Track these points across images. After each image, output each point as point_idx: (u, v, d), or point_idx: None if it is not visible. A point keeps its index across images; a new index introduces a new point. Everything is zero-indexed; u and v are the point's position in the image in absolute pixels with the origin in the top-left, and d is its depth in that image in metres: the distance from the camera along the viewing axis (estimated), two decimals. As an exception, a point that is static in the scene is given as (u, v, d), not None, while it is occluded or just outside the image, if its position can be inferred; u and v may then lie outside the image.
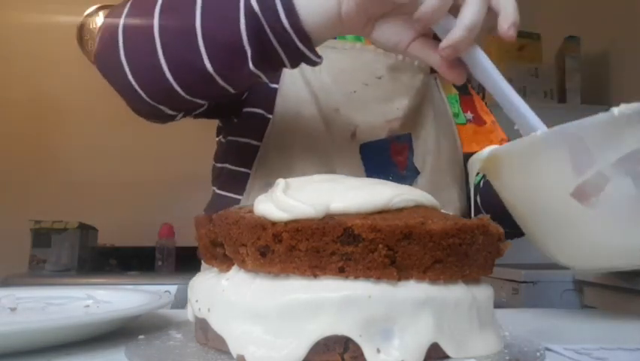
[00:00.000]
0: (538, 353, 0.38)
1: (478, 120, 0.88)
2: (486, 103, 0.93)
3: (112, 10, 0.60)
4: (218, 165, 0.82)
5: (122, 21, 0.56)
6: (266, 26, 0.52)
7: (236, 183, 0.77)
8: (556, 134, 0.50)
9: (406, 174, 0.77)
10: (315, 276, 0.34)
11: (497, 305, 0.41)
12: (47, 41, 2.66)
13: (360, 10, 0.52)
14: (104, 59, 0.59)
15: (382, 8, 0.53)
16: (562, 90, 2.26)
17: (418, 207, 0.39)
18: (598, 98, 2.27)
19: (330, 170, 0.73)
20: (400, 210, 0.38)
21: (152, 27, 0.54)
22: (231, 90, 0.58)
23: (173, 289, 1.73)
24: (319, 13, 0.53)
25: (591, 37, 2.30)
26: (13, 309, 0.50)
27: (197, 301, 0.39)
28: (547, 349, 0.41)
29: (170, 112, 0.62)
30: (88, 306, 0.52)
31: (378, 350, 0.33)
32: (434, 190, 0.78)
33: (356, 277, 0.34)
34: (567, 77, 2.25)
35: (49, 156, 2.61)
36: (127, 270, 2.23)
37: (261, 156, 0.75)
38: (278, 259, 0.34)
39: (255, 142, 0.75)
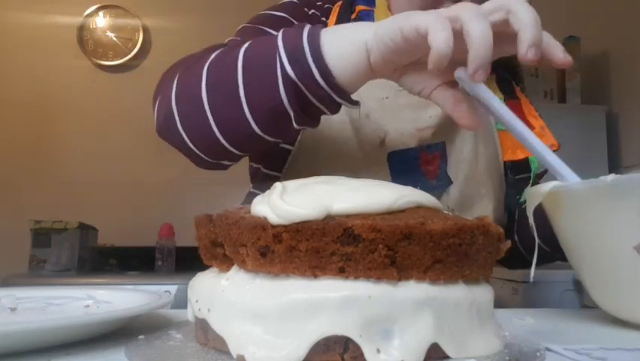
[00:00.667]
0: (538, 353, 0.38)
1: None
2: (536, 108, 0.88)
3: (160, 85, 0.65)
4: (254, 165, 0.83)
5: (173, 97, 0.62)
6: (304, 89, 0.55)
7: (268, 185, 0.78)
8: (626, 183, 0.49)
9: (435, 184, 0.75)
10: (315, 276, 0.34)
11: (497, 305, 0.41)
12: (47, 41, 2.66)
13: (387, 62, 0.54)
14: (166, 132, 0.64)
15: (406, 60, 0.55)
16: (562, 90, 2.26)
17: (419, 208, 0.39)
18: (598, 98, 2.26)
19: (356, 177, 0.72)
20: (401, 210, 0.38)
21: (201, 100, 0.59)
22: (282, 141, 0.65)
23: (173, 289, 1.73)
24: (351, 69, 0.55)
25: (591, 37, 2.30)
26: (13, 309, 0.50)
27: (197, 301, 0.39)
28: (548, 349, 0.41)
29: (229, 163, 0.67)
30: (88, 306, 0.52)
31: (378, 350, 0.33)
32: (465, 201, 0.77)
33: (356, 278, 0.34)
34: (567, 77, 2.25)
35: (49, 156, 2.61)
36: (127, 270, 2.23)
37: (292, 161, 0.76)
38: (278, 259, 0.34)
39: (287, 146, 0.76)
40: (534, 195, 0.57)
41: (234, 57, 0.58)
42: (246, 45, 0.59)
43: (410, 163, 0.74)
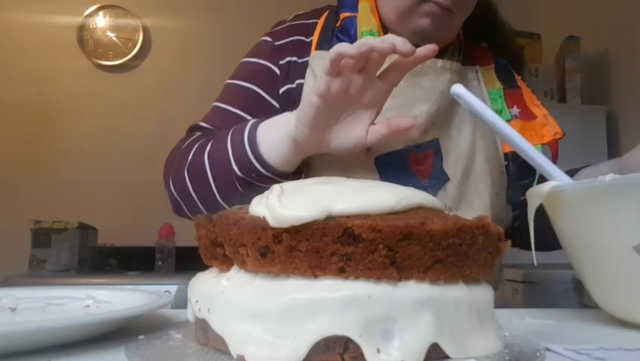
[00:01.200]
0: (538, 353, 0.38)
1: (527, 115, 0.82)
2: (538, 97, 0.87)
3: (174, 177, 0.79)
4: None
5: (189, 185, 0.76)
6: (253, 181, 0.70)
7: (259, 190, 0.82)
8: (626, 183, 0.49)
9: (428, 183, 0.75)
10: (315, 276, 0.34)
11: (497, 305, 0.41)
12: (47, 41, 2.66)
13: (312, 129, 0.63)
14: (189, 208, 0.79)
15: (326, 117, 0.63)
16: (562, 90, 2.26)
17: (419, 208, 0.39)
18: (598, 98, 2.26)
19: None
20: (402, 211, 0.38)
21: (190, 192, 0.76)
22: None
23: (173, 289, 1.73)
24: (286, 155, 0.68)
25: (591, 37, 2.30)
26: (13, 309, 0.50)
27: (197, 301, 0.39)
28: (548, 349, 0.41)
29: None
30: (88, 306, 0.52)
31: (378, 350, 0.33)
32: (462, 197, 0.77)
33: (356, 278, 0.34)
34: (567, 77, 2.25)
35: (49, 156, 2.61)
36: (127, 270, 2.22)
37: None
38: (278, 259, 0.34)
39: None
40: (534, 195, 0.57)
41: (202, 164, 0.74)
42: (207, 152, 0.74)
43: (398, 165, 0.75)
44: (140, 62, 2.73)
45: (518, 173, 0.83)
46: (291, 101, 0.78)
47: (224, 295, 0.36)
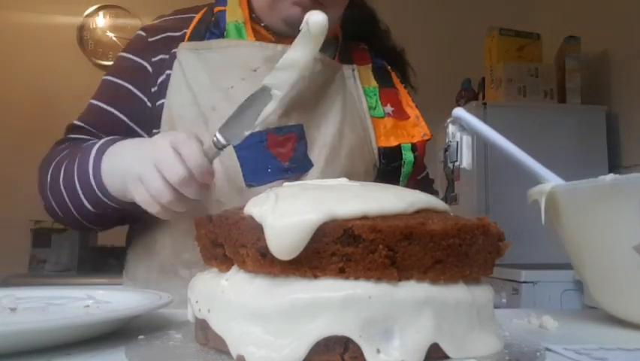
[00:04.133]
0: (538, 353, 0.38)
1: (400, 114, 0.87)
2: (413, 99, 0.91)
3: (52, 192, 0.78)
4: None
5: (51, 199, 0.78)
6: (101, 212, 0.73)
7: None
8: (626, 183, 0.49)
9: (289, 166, 0.76)
10: (316, 277, 0.34)
11: (497, 305, 0.41)
12: (47, 41, 2.66)
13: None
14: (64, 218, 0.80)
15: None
16: (562, 90, 2.26)
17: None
18: (598, 98, 2.26)
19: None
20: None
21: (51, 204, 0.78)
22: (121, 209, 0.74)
23: (173, 289, 1.72)
24: (125, 194, 0.68)
25: (591, 37, 2.30)
26: (13, 309, 0.50)
27: (197, 301, 0.39)
28: (547, 349, 0.41)
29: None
30: (88, 306, 0.52)
31: (378, 351, 0.33)
32: None
33: (356, 278, 0.34)
34: (567, 77, 2.25)
35: (49, 156, 2.61)
36: (127, 270, 2.22)
37: None
38: (278, 259, 0.34)
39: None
40: (535, 194, 0.57)
41: (60, 190, 0.75)
42: (61, 180, 0.75)
43: (255, 147, 0.74)
44: (139, 62, 2.73)
45: (388, 169, 0.85)
46: (163, 95, 0.79)
47: (224, 296, 0.36)
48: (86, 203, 0.73)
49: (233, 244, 0.37)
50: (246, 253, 0.36)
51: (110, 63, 2.69)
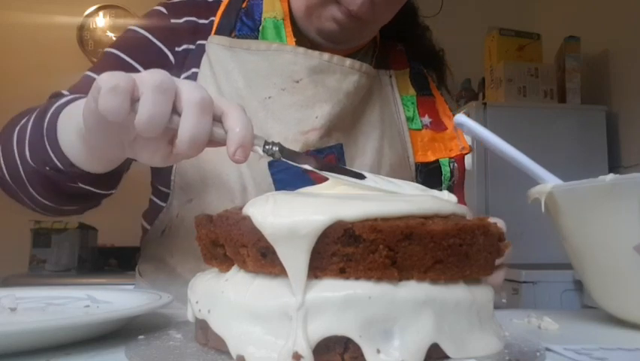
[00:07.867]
0: (538, 353, 0.38)
1: (438, 125, 0.79)
2: (450, 109, 0.84)
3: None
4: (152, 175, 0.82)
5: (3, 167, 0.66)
6: (50, 176, 0.59)
7: (161, 196, 0.78)
8: (626, 183, 0.49)
9: None
10: (316, 277, 0.34)
11: (497, 305, 0.41)
12: (47, 41, 2.66)
13: (98, 139, 0.50)
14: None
15: (116, 133, 0.48)
16: (562, 90, 2.26)
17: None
18: (598, 98, 2.26)
19: (242, 186, 0.68)
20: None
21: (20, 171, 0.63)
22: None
23: (173, 289, 1.72)
24: (79, 151, 0.56)
25: (591, 37, 2.30)
26: (13, 309, 0.50)
27: (197, 302, 0.39)
28: (548, 349, 0.41)
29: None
30: (88, 306, 0.52)
31: (379, 351, 0.33)
32: None
33: (357, 278, 0.34)
34: (567, 77, 2.25)
35: (49, 156, 2.61)
36: (127, 270, 2.22)
37: (178, 175, 0.71)
38: (278, 260, 0.34)
39: None
40: (533, 194, 0.57)
41: (14, 161, 0.63)
42: (15, 135, 0.65)
43: (293, 171, 0.59)
44: (139, 62, 2.73)
45: (425, 183, 0.81)
46: None
47: (224, 296, 0.36)
48: (28, 157, 0.61)
49: (234, 244, 0.37)
50: (247, 253, 0.36)
51: (110, 63, 2.70)
